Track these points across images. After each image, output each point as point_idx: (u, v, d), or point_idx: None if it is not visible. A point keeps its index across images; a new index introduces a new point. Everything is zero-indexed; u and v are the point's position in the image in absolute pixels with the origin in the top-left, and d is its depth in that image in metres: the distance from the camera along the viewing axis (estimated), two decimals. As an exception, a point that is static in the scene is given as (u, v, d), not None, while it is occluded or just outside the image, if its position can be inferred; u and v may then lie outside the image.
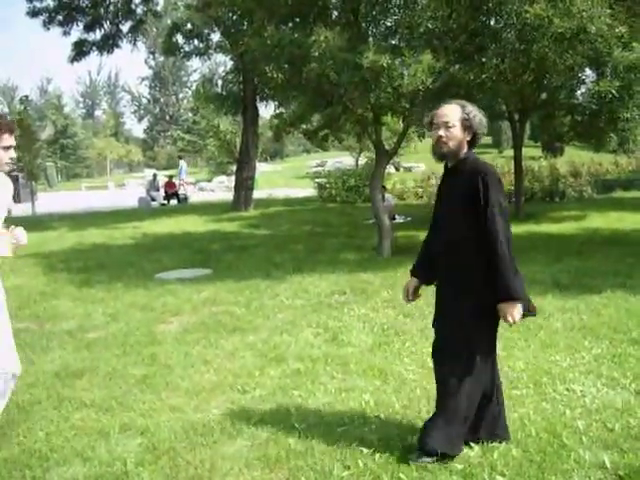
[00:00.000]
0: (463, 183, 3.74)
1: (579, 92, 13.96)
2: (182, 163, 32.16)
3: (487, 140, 19.84)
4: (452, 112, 3.77)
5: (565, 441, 3.92)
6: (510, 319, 3.59)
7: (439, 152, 3.81)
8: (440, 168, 4.12)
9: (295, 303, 8.08)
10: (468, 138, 3.79)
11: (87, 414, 4.66)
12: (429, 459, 3.72)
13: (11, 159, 3.78)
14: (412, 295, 4.25)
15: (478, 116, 3.79)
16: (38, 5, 22.64)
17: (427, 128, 4.01)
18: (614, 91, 10.60)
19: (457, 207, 3.77)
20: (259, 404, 4.78)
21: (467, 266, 3.73)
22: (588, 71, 12.99)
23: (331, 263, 10.77)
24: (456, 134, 3.74)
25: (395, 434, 4.12)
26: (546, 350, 5.77)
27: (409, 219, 17.55)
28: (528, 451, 3.83)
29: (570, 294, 7.78)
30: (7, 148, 3.75)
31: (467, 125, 3.75)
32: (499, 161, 27.71)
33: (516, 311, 3.59)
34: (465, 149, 3.80)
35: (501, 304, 3.61)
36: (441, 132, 3.74)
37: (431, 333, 6.35)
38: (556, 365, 5.35)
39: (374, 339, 6.36)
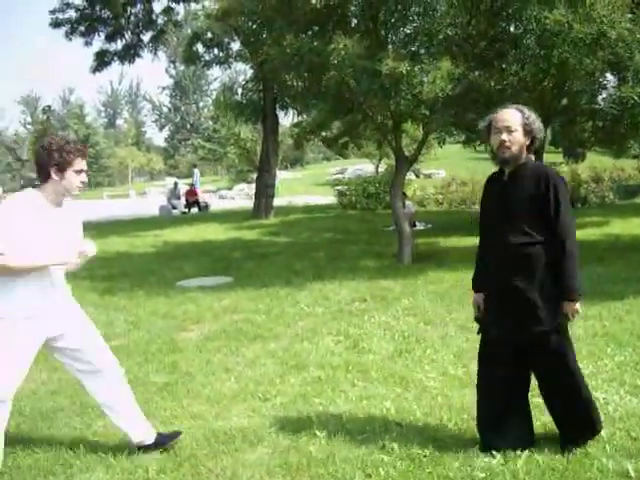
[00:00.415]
0: (528, 187, 3.78)
1: (600, 97, 13.86)
2: (196, 172, 32.42)
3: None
4: (512, 117, 3.80)
5: (588, 449, 3.88)
6: (571, 316, 3.76)
7: (501, 157, 3.84)
8: (460, 174, 4.13)
9: (316, 310, 8.08)
10: (528, 142, 3.83)
11: (109, 421, 4.68)
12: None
13: (82, 183, 3.87)
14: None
15: (537, 121, 3.84)
16: (60, 16, 22.95)
17: (483, 133, 4.04)
18: (636, 97, 10.51)
19: (522, 212, 3.79)
20: (280, 412, 4.79)
21: (533, 269, 3.76)
22: (609, 76, 12.91)
23: (351, 270, 10.77)
24: (518, 138, 3.78)
25: (416, 442, 4.11)
26: (568, 357, 5.73)
27: (429, 226, 17.52)
28: (551, 459, 3.80)
29: (592, 301, 7.70)
30: (79, 172, 3.84)
31: (528, 130, 3.80)
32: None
33: (577, 307, 3.76)
34: (525, 154, 3.84)
35: (565, 302, 3.74)
36: (504, 136, 3.78)
37: (452, 341, 6.40)
38: (579, 372, 5.31)
39: (395, 346, 6.35)
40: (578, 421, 3.94)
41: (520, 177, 3.84)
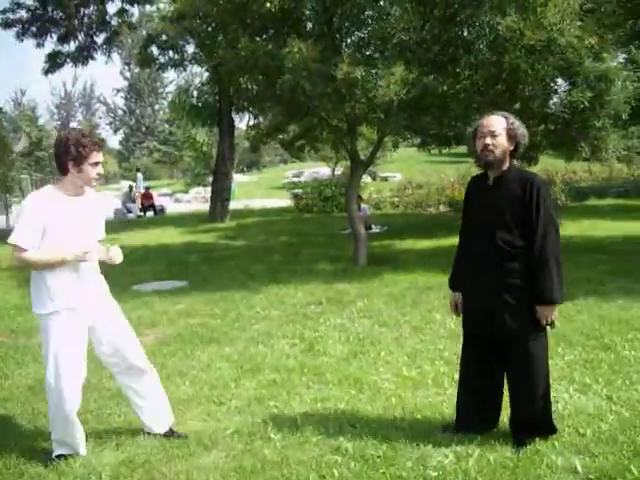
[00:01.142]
0: (513, 192, 3.91)
1: (552, 102, 14.09)
2: (139, 176, 32.10)
3: (462, 149, 19.94)
4: (497, 122, 3.94)
5: (538, 447, 3.97)
6: (544, 321, 3.88)
7: (485, 160, 3.96)
8: (415, 177, 4.20)
9: (271, 314, 8.09)
10: (511, 148, 3.96)
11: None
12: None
13: (98, 174, 4.05)
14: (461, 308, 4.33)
15: (521, 128, 3.97)
16: (11, 16, 22.55)
17: (470, 139, 4.18)
18: (586, 101, 10.73)
19: (506, 216, 3.91)
20: (235, 415, 4.79)
21: (512, 271, 3.90)
22: (560, 81, 13.13)
23: (307, 273, 10.79)
24: (502, 142, 3.91)
25: (370, 443, 4.15)
26: (520, 357, 5.83)
27: (385, 229, 17.63)
28: (502, 457, 3.87)
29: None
30: (95, 164, 4.01)
31: (511, 135, 3.93)
32: (474, 170, 27.86)
33: (553, 314, 3.89)
34: (508, 159, 3.97)
35: (540, 306, 3.87)
36: (487, 140, 3.91)
37: (406, 342, 6.47)
38: (529, 372, 5.41)
39: (350, 349, 6.39)
40: (536, 421, 4.07)
41: (505, 182, 3.97)
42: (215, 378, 5.67)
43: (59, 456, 4.13)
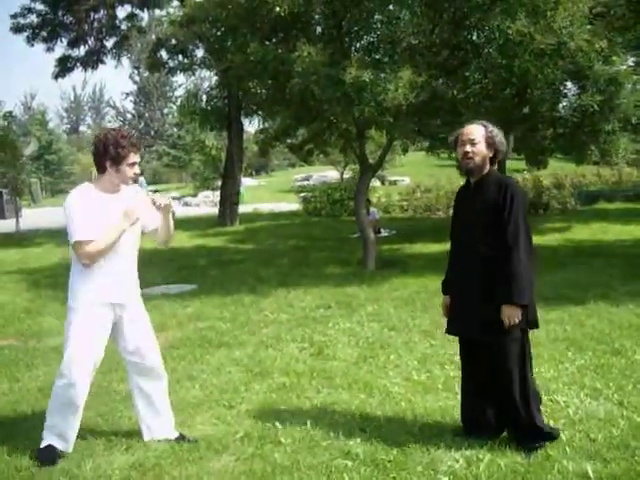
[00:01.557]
0: (491, 196, 4.04)
1: (561, 105, 14.08)
2: (141, 180, 32.06)
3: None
4: (476, 130, 4.09)
5: (549, 452, 3.95)
6: (507, 321, 3.86)
7: (465, 167, 4.12)
8: (424, 181, 4.24)
9: (280, 317, 8.09)
10: (490, 155, 4.09)
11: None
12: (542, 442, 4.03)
13: (135, 174, 4.21)
14: None
15: (499, 135, 4.12)
16: (22, 21, 22.69)
17: (452, 146, 4.34)
18: (595, 105, 10.74)
19: (484, 219, 4.03)
20: (245, 419, 4.78)
21: (492, 273, 3.96)
22: (570, 85, 13.12)
23: (316, 277, 10.79)
24: (481, 150, 4.06)
25: (380, 447, 4.14)
26: (530, 362, 5.81)
27: (394, 232, 17.62)
28: (512, 462, 3.85)
29: (553, 306, 7.83)
30: (132, 165, 4.16)
31: (490, 142, 4.08)
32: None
33: (516, 316, 3.86)
34: (488, 165, 4.10)
35: (504, 306, 3.87)
36: (467, 148, 4.06)
37: (416, 346, 6.46)
38: (540, 376, 5.36)
39: (359, 353, 6.38)
40: (523, 427, 4.06)
41: (484, 186, 4.10)
42: (225, 382, 5.67)
43: (46, 449, 4.15)
